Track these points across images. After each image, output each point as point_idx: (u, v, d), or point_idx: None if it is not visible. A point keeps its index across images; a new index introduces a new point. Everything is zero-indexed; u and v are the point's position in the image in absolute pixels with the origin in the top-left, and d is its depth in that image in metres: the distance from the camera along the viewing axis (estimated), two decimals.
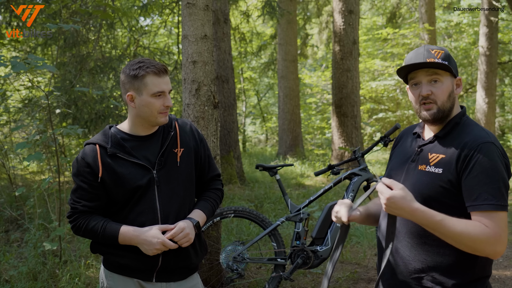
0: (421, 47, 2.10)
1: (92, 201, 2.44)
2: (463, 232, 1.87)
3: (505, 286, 5.20)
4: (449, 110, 2.09)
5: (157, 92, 2.38)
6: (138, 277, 2.47)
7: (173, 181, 2.48)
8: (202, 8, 4.43)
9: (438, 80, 2.07)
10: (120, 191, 2.41)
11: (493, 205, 1.88)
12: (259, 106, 24.94)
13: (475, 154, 1.93)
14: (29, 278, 4.76)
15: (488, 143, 1.95)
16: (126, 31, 11.86)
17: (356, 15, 11.37)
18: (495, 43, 17.22)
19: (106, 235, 2.39)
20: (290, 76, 15.40)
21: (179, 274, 2.54)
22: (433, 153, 2.07)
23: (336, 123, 11.50)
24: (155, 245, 2.32)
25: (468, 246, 1.90)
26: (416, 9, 21.46)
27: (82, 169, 2.42)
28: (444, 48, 2.10)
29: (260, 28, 22.08)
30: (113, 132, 2.49)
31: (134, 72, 2.38)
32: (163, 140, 2.51)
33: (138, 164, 2.43)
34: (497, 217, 1.89)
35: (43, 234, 5.81)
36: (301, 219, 4.63)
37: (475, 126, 2.05)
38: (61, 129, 5.26)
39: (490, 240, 1.87)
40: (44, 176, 9.17)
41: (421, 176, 2.07)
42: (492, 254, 1.92)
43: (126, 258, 2.45)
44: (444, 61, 2.06)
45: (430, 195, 2.01)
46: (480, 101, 17.50)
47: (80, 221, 2.44)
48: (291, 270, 4.52)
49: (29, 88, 9.38)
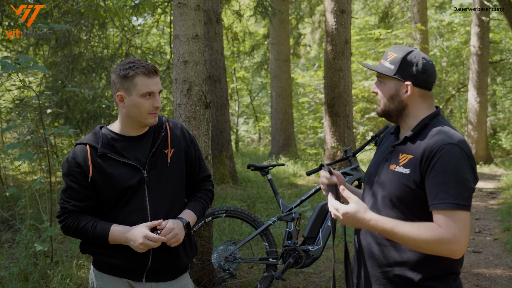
0: (391, 47, 2.21)
1: (82, 201, 2.44)
2: (415, 235, 1.92)
3: (496, 285, 5.23)
4: (399, 110, 2.17)
5: (146, 93, 2.39)
6: (128, 277, 2.47)
7: (163, 182, 2.49)
8: (193, 8, 4.42)
9: (382, 82, 2.20)
10: (111, 191, 2.41)
11: (449, 203, 1.91)
12: (251, 105, 24.95)
13: (437, 155, 1.96)
14: (20, 278, 4.74)
15: (450, 144, 1.97)
16: (118, 31, 11.84)
17: (348, 14, 11.39)
18: (487, 42, 17.31)
19: (96, 234, 2.39)
20: (282, 76, 15.42)
21: (168, 274, 2.54)
22: (404, 154, 2.12)
23: (328, 122, 11.52)
24: (139, 239, 2.31)
25: (423, 248, 1.95)
26: (408, 8, 21.54)
27: (72, 169, 2.42)
28: (403, 51, 2.15)
29: (252, 28, 22.09)
30: (104, 132, 2.49)
31: (124, 72, 2.38)
32: (153, 140, 2.51)
33: (128, 164, 2.43)
34: (454, 216, 1.91)
35: (35, 234, 5.79)
36: (293, 218, 4.64)
37: (443, 128, 2.08)
38: (53, 129, 5.24)
39: (443, 241, 1.90)
40: (36, 176, 9.14)
41: (391, 175, 2.12)
42: (450, 254, 1.94)
43: (116, 258, 2.45)
44: (393, 64, 2.14)
45: (397, 194, 2.07)
46: (472, 100, 17.59)
47: (69, 220, 2.44)
48: (283, 270, 4.53)
49: (21, 88, 9.34)
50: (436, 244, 1.91)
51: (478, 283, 5.28)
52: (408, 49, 2.16)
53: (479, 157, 17.54)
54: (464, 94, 21.95)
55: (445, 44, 22.81)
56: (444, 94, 22.89)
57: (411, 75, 2.12)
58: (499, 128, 22.21)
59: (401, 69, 2.13)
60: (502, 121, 22.25)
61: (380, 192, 2.16)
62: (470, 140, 17.74)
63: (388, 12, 22.04)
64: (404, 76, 2.13)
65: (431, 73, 2.15)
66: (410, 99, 2.15)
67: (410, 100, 2.15)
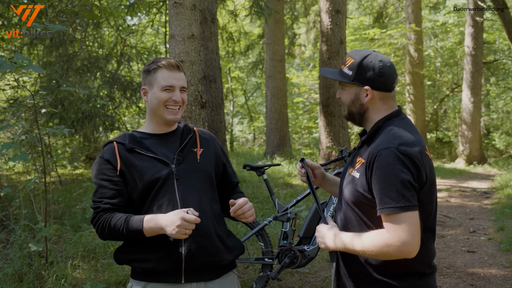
0: (350, 51, 2.25)
1: (113, 198, 2.38)
2: (366, 246, 2.01)
3: (490, 284, 5.25)
4: (360, 114, 2.23)
5: (166, 86, 2.42)
6: (166, 280, 2.38)
7: (193, 176, 2.45)
8: (189, 7, 4.42)
9: (343, 88, 2.26)
10: (140, 184, 2.37)
11: (392, 207, 1.95)
12: (246, 105, 24.96)
13: (376, 160, 2.01)
14: (14, 279, 4.72)
15: (386, 149, 2.00)
16: (113, 30, 11.81)
17: (343, 15, 11.41)
18: (480, 43, 17.40)
19: (130, 228, 2.30)
20: (277, 76, 15.42)
21: (209, 271, 2.42)
22: (359, 157, 2.18)
23: (323, 122, 11.53)
24: (175, 221, 2.19)
25: (378, 256, 2.01)
26: (402, 9, 21.59)
27: (102, 167, 2.40)
28: (359, 56, 2.18)
29: (247, 28, 22.09)
30: (132, 133, 2.53)
31: (148, 67, 2.46)
32: (181, 139, 2.53)
33: (156, 158, 2.41)
34: (398, 219, 1.95)
35: (29, 235, 5.76)
36: (289, 218, 4.64)
37: (390, 131, 2.11)
38: (47, 129, 5.22)
39: (390, 244, 1.95)
40: (30, 176, 9.10)
41: (348, 179, 2.20)
42: (402, 256, 1.98)
43: (149, 261, 2.36)
44: (351, 70, 2.18)
45: (351, 198, 2.14)
46: (465, 100, 17.66)
47: (102, 220, 2.35)
48: (279, 270, 4.52)
49: (15, 87, 9.31)
50: (385, 248, 1.96)
51: (472, 283, 5.30)
52: (365, 53, 2.19)
53: (473, 157, 17.62)
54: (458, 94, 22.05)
55: (439, 45, 22.90)
56: (438, 94, 22.99)
57: (369, 80, 2.16)
58: (493, 128, 22.33)
59: (359, 75, 2.17)
60: (496, 121, 22.37)
61: (342, 196, 2.23)
62: (464, 140, 17.82)
63: (383, 12, 22.09)
64: (362, 81, 2.17)
65: (389, 75, 2.17)
66: (370, 103, 2.20)
67: (370, 104, 2.20)
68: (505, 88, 21.69)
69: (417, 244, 1.96)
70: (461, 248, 6.67)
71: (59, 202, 7.94)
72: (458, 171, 15.94)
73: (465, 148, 17.74)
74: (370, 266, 2.12)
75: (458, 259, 6.17)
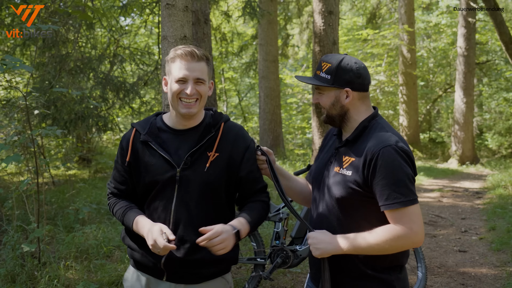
0: (323, 57, 2.31)
1: (122, 184, 2.43)
2: (377, 240, 2.10)
3: (481, 283, 5.29)
4: (341, 115, 2.31)
5: (178, 78, 2.28)
6: (150, 273, 2.39)
7: (194, 185, 2.31)
8: (181, 9, 4.43)
9: (321, 92, 2.33)
10: (141, 182, 2.36)
11: (403, 202, 2.07)
12: (240, 106, 24.95)
13: (378, 159, 2.10)
14: (7, 280, 4.72)
15: (387, 147, 2.11)
16: (106, 31, 11.79)
17: (336, 15, 11.43)
18: (473, 43, 17.47)
19: (124, 222, 2.37)
20: (271, 76, 15.45)
21: (189, 279, 2.38)
22: (346, 156, 2.25)
23: (316, 123, 11.55)
24: (149, 240, 2.16)
25: (388, 250, 2.13)
26: (395, 9, 21.68)
27: (119, 151, 2.43)
28: (336, 60, 2.26)
29: (241, 29, 22.09)
30: (155, 120, 2.44)
31: (169, 55, 2.33)
32: (199, 138, 2.35)
33: (164, 158, 2.32)
34: (408, 212, 2.08)
35: (22, 236, 5.75)
36: (281, 218, 4.67)
37: (381, 130, 2.22)
38: (40, 130, 5.22)
39: (403, 236, 2.09)
40: (23, 177, 9.08)
41: (336, 178, 2.25)
42: (412, 246, 2.14)
43: (137, 252, 2.39)
44: (329, 74, 2.25)
45: (342, 195, 2.21)
46: (458, 101, 17.73)
47: (110, 202, 2.48)
48: (271, 270, 4.54)
49: (7, 88, 9.28)
50: (399, 241, 2.09)
51: (463, 282, 5.34)
52: (340, 57, 2.27)
53: (466, 157, 17.68)
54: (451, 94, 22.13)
55: (432, 45, 22.99)
56: (431, 95, 23.07)
57: (348, 82, 2.25)
58: (485, 128, 22.42)
59: (338, 78, 2.25)
60: (488, 121, 22.47)
61: (327, 193, 2.29)
62: (457, 140, 17.88)
63: (376, 13, 22.18)
64: (341, 84, 2.25)
65: (366, 76, 2.28)
66: (351, 104, 2.28)
67: (351, 105, 2.29)
68: (498, 88, 21.80)
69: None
70: (452, 248, 6.72)
71: (52, 203, 7.93)
72: (451, 171, 16.02)
73: (458, 148, 17.82)
74: (359, 261, 2.20)
75: (449, 259, 6.21)
